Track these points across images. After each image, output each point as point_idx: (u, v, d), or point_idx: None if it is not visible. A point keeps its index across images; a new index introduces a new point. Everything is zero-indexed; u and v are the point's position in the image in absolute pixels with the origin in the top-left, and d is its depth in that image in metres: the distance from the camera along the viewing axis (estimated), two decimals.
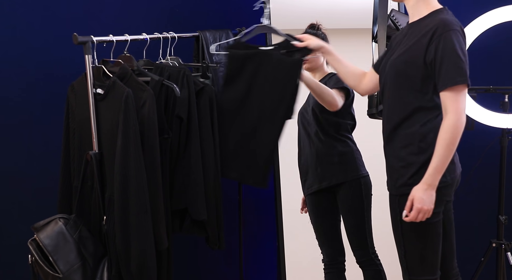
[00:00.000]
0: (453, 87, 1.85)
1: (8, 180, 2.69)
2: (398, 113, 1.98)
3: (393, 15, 2.35)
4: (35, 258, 1.99)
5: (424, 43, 1.90)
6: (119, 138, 2.01)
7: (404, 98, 1.97)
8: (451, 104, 1.86)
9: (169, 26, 2.59)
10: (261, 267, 3.10)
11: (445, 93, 1.87)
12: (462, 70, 1.85)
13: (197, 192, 2.23)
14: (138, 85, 2.10)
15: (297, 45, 2.23)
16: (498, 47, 2.98)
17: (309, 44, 2.22)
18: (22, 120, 2.67)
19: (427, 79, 1.92)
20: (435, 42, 1.87)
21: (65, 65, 2.62)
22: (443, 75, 1.86)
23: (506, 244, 2.71)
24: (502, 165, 2.74)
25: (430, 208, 1.88)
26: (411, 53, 1.94)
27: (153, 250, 2.06)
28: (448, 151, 1.86)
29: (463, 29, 1.92)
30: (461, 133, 1.87)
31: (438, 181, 1.88)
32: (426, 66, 1.91)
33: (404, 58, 1.96)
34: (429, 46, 1.89)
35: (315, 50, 2.24)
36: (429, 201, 1.88)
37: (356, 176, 2.49)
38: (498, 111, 2.72)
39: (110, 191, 2.09)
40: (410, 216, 1.90)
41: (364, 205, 2.50)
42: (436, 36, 1.87)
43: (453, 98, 1.86)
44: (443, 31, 1.86)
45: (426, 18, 1.96)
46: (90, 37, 2.08)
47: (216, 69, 2.53)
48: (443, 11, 1.96)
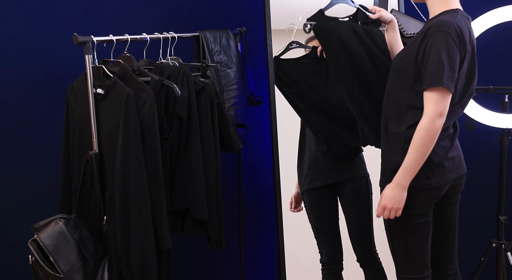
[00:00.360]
0: (432, 89, 1.84)
1: (8, 180, 2.69)
2: (390, 108, 2.02)
3: (393, 15, 2.35)
4: (35, 258, 1.99)
5: (418, 42, 1.92)
6: (120, 138, 2.01)
7: (397, 95, 1.99)
8: (428, 106, 1.86)
9: (169, 26, 2.60)
10: (261, 267, 3.10)
11: (425, 93, 1.87)
12: (441, 73, 1.83)
13: (198, 192, 2.23)
14: (138, 85, 2.10)
15: (371, 17, 2.23)
16: (498, 47, 2.98)
17: (381, 16, 2.22)
18: (22, 120, 2.67)
19: (419, 78, 1.92)
20: (425, 41, 1.88)
21: (65, 65, 2.62)
22: (426, 75, 1.86)
23: (506, 244, 2.71)
24: (502, 165, 2.74)
25: (396, 206, 1.91)
26: (408, 50, 1.97)
27: (153, 250, 2.06)
28: (418, 153, 1.86)
29: (460, 33, 1.87)
30: (434, 136, 1.85)
31: (408, 181, 1.89)
32: (417, 65, 1.91)
33: (401, 55, 2.01)
34: (420, 45, 1.90)
35: (386, 22, 2.24)
36: (396, 200, 1.90)
37: (363, 174, 2.51)
38: (498, 111, 2.72)
39: (110, 191, 2.09)
40: (377, 212, 1.96)
41: (370, 203, 2.51)
42: (427, 36, 1.88)
43: (430, 100, 1.85)
44: (433, 32, 1.86)
45: (435, 17, 1.97)
46: (90, 37, 2.08)
47: (217, 69, 2.53)
48: (450, 12, 1.95)
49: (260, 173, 3.00)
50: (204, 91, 2.29)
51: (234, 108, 2.56)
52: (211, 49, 2.56)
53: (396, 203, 1.91)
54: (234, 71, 2.60)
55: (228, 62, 2.59)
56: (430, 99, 1.85)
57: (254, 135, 2.91)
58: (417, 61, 1.90)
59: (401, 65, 1.97)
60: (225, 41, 2.62)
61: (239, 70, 2.63)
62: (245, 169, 2.89)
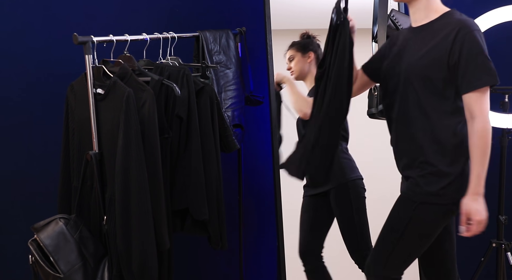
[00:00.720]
0: (480, 89, 1.79)
1: (8, 180, 2.68)
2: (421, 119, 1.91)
3: (393, 15, 2.35)
4: (35, 258, 1.99)
5: (447, 45, 1.84)
6: (120, 138, 2.01)
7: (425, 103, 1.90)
8: (478, 107, 1.80)
9: (169, 26, 2.59)
10: (261, 267, 3.10)
11: (471, 95, 1.81)
12: (491, 69, 1.80)
13: (198, 192, 2.23)
14: (138, 85, 2.10)
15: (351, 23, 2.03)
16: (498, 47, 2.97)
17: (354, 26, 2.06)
18: (22, 120, 2.67)
19: (450, 83, 1.86)
20: (458, 43, 1.82)
21: (65, 65, 2.62)
22: (469, 76, 1.80)
23: (506, 244, 2.71)
24: (502, 165, 2.74)
25: (486, 216, 1.83)
26: (433, 55, 1.87)
27: (154, 250, 2.06)
28: (486, 156, 1.80)
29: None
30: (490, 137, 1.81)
31: (483, 188, 1.83)
32: (449, 69, 1.85)
33: (424, 62, 1.89)
34: (453, 47, 1.83)
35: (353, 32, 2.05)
36: (484, 210, 1.83)
37: (342, 181, 2.52)
38: (498, 111, 2.72)
39: (110, 191, 2.09)
40: (473, 231, 1.84)
41: (353, 208, 2.52)
42: (459, 37, 1.82)
43: (480, 101, 1.80)
44: (467, 32, 1.81)
45: (438, 20, 1.92)
46: (90, 37, 2.08)
47: (216, 69, 2.53)
48: (457, 13, 1.92)
49: (260, 173, 3.00)
50: (204, 91, 2.29)
51: (232, 108, 2.56)
52: (210, 49, 2.56)
53: (486, 213, 1.83)
54: (233, 71, 2.60)
55: (227, 63, 2.60)
56: (481, 99, 1.80)
57: (254, 135, 2.91)
58: (449, 64, 1.84)
59: (427, 72, 1.88)
60: (225, 41, 2.62)
61: (238, 71, 2.64)
62: (245, 169, 2.90)
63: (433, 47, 1.88)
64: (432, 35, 1.90)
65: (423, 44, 1.91)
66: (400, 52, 2.00)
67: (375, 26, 2.39)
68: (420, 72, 1.90)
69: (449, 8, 1.97)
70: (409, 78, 1.93)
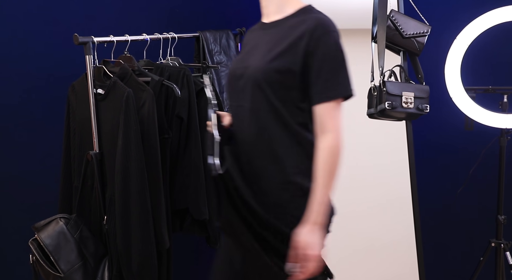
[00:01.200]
0: (333, 101, 1.54)
1: (8, 180, 2.69)
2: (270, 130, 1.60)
3: (392, 15, 2.35)
4: (36, 258, 2.00)
5: (301, 48, 1.56)
6: (120, 138, 2.02)
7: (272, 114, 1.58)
8: (331, 121, 1.54)
9: (169, 27, 2.60)
10: None
11: (322, 106, 1.54)
12: (346, 79, 1.55)
13: (198, 192, 2.24)
14: (138, 85, 2.10)
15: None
16: (498, 47, 2.98)
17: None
18: (23, 120, 2.67)
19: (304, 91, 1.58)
20: (312, 45, 1.55)
21: (66, 66, 2.62)
22: (321, 85, 1.54)
23: (505, 244, 2.71)
24: (501, 165, 2.74)
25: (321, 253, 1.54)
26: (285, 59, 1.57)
27: (154, 249, 2.07)
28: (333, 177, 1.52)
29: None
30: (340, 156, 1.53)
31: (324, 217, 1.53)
32: (303, 76, 1.57)
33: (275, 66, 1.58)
34: (306, 51, 1.56)
35: None
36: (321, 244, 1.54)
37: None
38: (497, 111, 2.72)
39: (111, 191, 2.09)
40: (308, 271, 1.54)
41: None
42: (314, 39, 1.55)
43: (332, 114, 1.54)
44: (323, 33, 1.55)
45: (293, 17, 1.64)
46: (91, 37, 2.09)
47: (217, 70, 2.53)
48: (314, 10, 1.66)
49: None
50: (204, 91, 2.29)
51: None
52: (211, 49, 2.57)
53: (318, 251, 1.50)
54: None
55: (228, 63, 2.60)
56: (333, 113, 1.54)
57: None
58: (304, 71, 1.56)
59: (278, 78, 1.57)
60: (225, 41, 2.63)
61: None
62: None
63: (284, 50, 1.59)
64: (284, 34, 1.61)
65: (273, 45, 1.62)
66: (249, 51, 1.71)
67: (375, 27, 2.39)
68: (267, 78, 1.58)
69: (448, 7, 1.95)
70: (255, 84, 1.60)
